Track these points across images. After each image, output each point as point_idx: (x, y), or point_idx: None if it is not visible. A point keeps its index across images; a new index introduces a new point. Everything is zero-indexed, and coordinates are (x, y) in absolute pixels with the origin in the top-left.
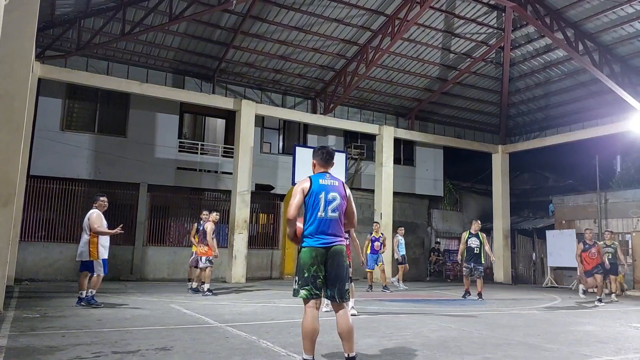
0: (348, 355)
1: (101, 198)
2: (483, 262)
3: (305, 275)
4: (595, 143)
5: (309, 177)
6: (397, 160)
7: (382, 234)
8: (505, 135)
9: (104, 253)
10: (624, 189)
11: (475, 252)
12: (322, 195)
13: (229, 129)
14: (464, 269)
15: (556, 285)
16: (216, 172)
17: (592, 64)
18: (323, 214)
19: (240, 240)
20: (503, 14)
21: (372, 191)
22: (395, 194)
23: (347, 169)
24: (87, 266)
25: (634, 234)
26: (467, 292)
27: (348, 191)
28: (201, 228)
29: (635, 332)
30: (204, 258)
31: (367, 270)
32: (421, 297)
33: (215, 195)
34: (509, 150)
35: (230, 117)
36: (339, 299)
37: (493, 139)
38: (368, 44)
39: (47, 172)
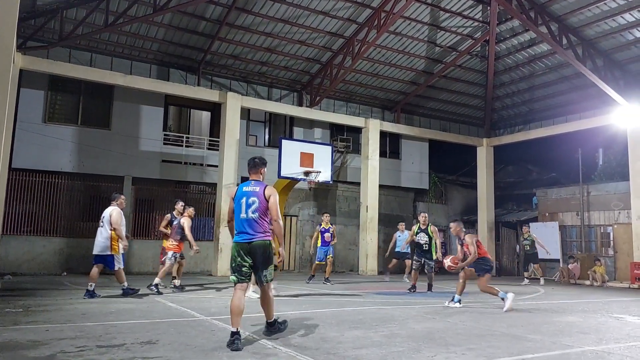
0: (267, 320)
1: (122, 197)
2: (435, 257)
3: (233, 265)
4: (578, 136)
5: (238, 184)
6: (383, 153)
7: (331, 224)
8: (490, 128)
9: (122, 247)
10: (606, 182)
11: (424, 248)
12: (244, 200)
13: (214, 121)
14: (414, 262)
15: (539, 277)
16: (202, 165)
17: (576, 58)
18: (245, 215)
19: (226, 233)
20: (488, 8)
21: (358, 184)
22: (381, 186)
23: (333, 162)
24: (107, 260)
25: (615, 226)
26: (414, 287)
27: (268, 193)
28: (176, 222)
29: (616, 323)
30: (170, 253)
31: (317, 262)
32: (406, 290)
33: (201, 188)
34: (494, 143)
35: (215, 110)
36: (261, 282)
37: (478, 132)
38: (354, 36)
39: (30, 165)
